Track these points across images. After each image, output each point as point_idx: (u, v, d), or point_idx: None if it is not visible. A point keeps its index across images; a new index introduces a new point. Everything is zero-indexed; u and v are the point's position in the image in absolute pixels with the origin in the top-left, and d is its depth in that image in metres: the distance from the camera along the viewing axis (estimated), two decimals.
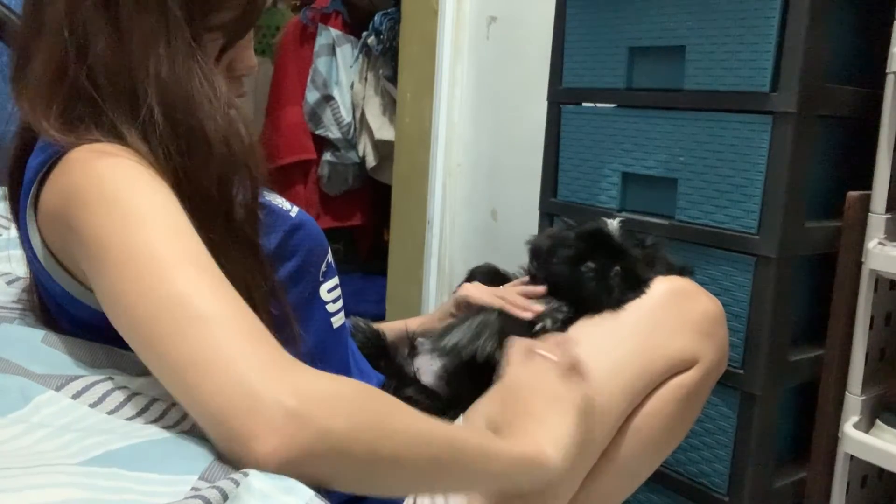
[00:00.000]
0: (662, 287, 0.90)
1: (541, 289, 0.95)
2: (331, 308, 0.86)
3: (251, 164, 0.69)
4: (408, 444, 0.55)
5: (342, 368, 0.87)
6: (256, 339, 0.53)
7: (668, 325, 0.88)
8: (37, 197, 0.67)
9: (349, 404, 0.52)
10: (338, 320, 0.88)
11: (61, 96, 0.67)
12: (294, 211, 0.82)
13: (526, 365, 0.78)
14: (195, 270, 0.56)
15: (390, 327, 1.06)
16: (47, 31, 0.67)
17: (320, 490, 0.50)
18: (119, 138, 0.65)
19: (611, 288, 0.90)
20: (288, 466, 0.48)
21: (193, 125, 0.66)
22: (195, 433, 0.54)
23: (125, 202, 0.59)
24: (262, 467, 0.48)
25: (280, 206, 0.80)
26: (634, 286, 0.90)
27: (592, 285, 0.90)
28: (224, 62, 0.74)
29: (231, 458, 0.50)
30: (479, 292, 0.98)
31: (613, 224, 0.95)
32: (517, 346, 0.82)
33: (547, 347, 0.80)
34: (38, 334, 0.67)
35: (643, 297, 0.90)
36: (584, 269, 0.92)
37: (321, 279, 0.85)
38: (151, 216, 0.59)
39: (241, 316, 0.55)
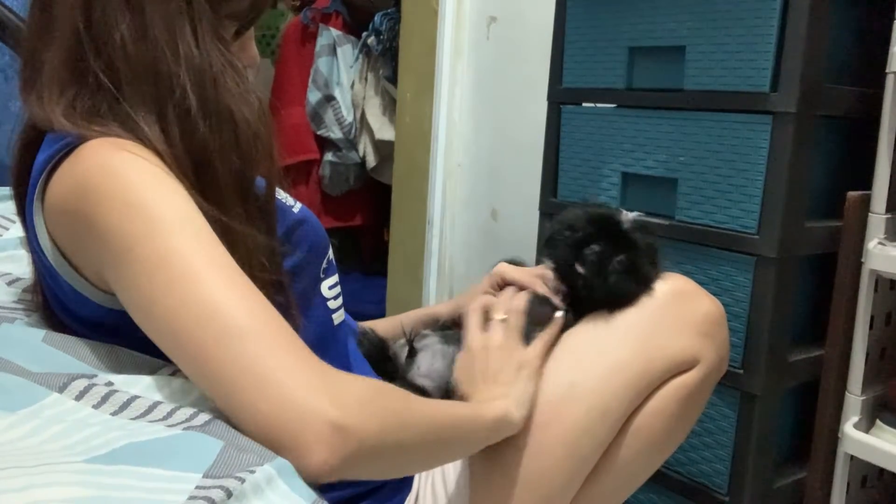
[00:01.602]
0: (664, 287, 0.90)
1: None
2: (332, 304, 0.87)
3: (275, 147, 0.71)
4: (422, 433, 0.64)
5: (341, 364, 0.87)
6: (292, 348, 0.57)
7: (669, 325, 0.88)
8: (43, 190, 0.67)
9: (376, 406, 0.58)
10: (338, 317, 0.88)
11: (74, 86, 0.67)
12: (297, 207, 0.83)
13: (485, 330, 0.88)
14: (227, 280, 0.59)
15: (383, 326, 1.06)
16: (60, 21, 0.67)
17: (321, 488, 0.54)
18: (133, 128, 0.65)
19: (608, 275, 0.87)
20: (336, 473, 0.54)
21: (223, 105, 0.67)
22: (200, 430, 0.54)
23: (149, 207, 0.60)
24: (315, 477, 0.53)
25: (283, 200, 0.81)
26: (635, 280, 0.88)
27: (591, 270, 0.88)
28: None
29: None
30: (514, 270, 0.97)
31: (629, 215, 0.92)
32: (474, 309, 0.91)
33: (501, 309, 0.89)
34: (38, 334, 0.67)
35: (644, 297, 0.89)
36: (587, 252, 0.89)
37: (322, 275, 0.85)
38: (177, 222, 0.60)
39: (275, 325, 0.58)
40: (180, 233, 0.60)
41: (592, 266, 0.88)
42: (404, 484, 0.87)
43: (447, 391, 0.92)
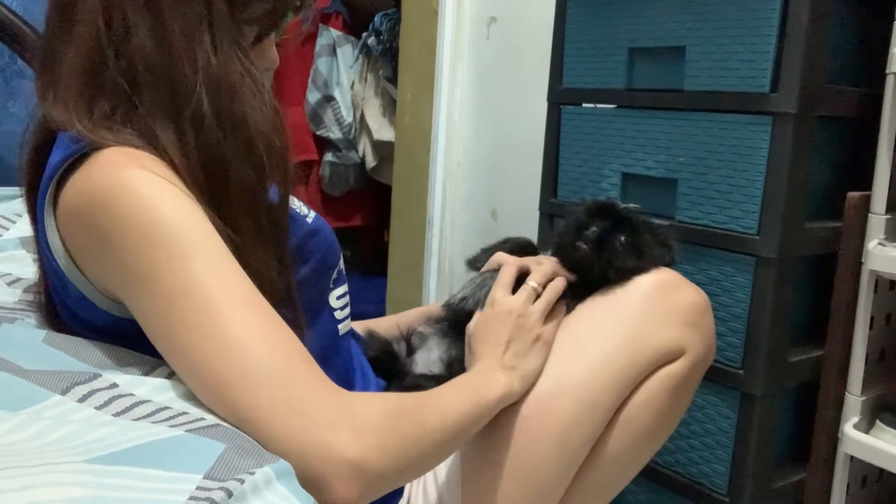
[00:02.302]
0: (648, 279, 0.90)
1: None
2: (339, 315, 0.86)
3: (289, 158, 0.71)
4: (437, 443, 0.66)
5: (345, 373, 0.87)
6: (311, 382, 0.59)
7: (654, 316, 0.88)
8: (56, 193, 0.66)
9: (394, 435, 0.60)
10: (344, 327, 0.88)
11: (92, 89, 0.67)
12: (311, 216, 0.82)
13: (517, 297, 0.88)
14: (247, 310, 0.60)
15: (383, 327, 1.06)
16: (80, 23, 0.67)
17: None
18: (150, 135, 0.65)
19: (612, 253, 0.89)
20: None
21: (238, 115, 0.67)
22: (202, 432, 0.54)
23: (168, 230, 0.60)
24: None
25: (297, 210, 0.80)
26: (637, 258, 0.90)
27: (590, 248, 0.90)
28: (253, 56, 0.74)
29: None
30: (500, 255, 0.98)
31: (630, 206, 0.95)
32: (511, 264, 0.92)
33: (538, 278, 0.89)
34: (39, 334, 0.67)
35: (629, 289, 0.90)
36: (587, 232, 0.91)
37: (331, 286, 0.85)
38: (196, 247, 0.60)
39: (294, 360, 0.59)
40: (199, 259, 0.60)
41: (594, 244, 0.90)
42: (394, 493, 0.86)
43: (449, 375, 0.92)
